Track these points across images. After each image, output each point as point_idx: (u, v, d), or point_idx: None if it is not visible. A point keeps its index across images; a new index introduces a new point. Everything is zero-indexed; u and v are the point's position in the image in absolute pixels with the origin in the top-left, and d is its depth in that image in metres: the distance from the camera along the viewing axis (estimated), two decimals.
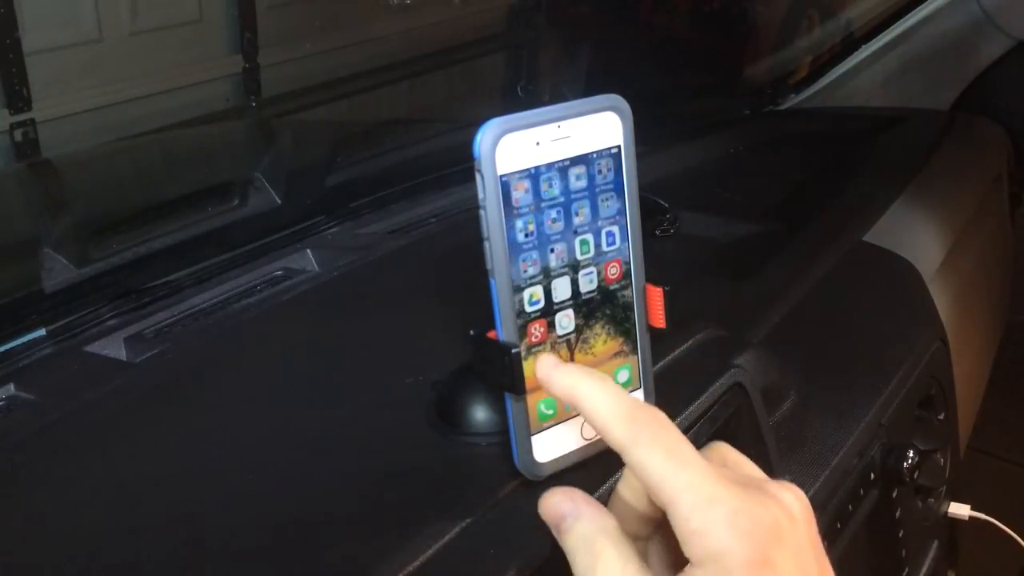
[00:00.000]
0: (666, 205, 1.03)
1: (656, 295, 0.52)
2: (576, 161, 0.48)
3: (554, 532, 0.44)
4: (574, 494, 0.44)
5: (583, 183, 0.48)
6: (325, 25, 1.18)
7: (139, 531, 0.54)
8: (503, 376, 0.48)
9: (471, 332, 0.50)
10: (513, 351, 0.47)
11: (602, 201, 0.50)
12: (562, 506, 0.44)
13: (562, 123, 0.47)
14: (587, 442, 0.52)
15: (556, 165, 0.47)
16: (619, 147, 0.49)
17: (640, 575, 0.41)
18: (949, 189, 1.20)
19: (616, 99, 0.49)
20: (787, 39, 1.61)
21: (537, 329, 0.49)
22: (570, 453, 0.52)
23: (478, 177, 0.45)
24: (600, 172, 0.49)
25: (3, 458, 0.63)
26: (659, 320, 0.53)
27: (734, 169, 1.26)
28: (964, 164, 1.30)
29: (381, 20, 1.25)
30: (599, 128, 0.48)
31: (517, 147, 0.46)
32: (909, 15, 1.47)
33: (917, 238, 1.06)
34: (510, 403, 0.49)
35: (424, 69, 1.30)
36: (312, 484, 0.57)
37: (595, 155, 0.48)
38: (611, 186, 0.50)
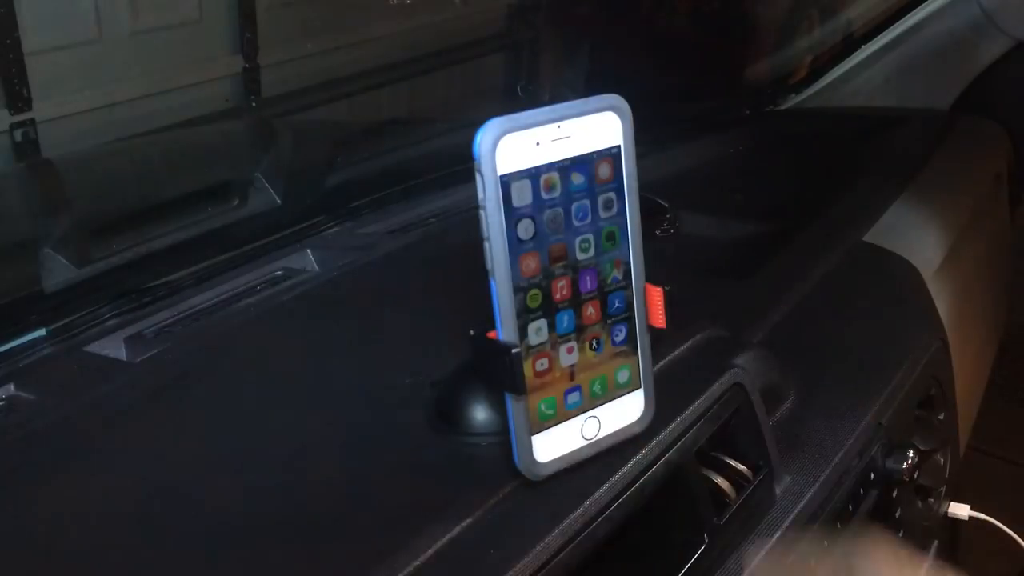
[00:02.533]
0: (666, 205, 1.03)
1: (656, 295, 0.52)
2: (576, 161, 0.48)
3: None
4: None
5: (583, 183, 0.48)
6: (325, 25, 1.18)
7: (139, 530, 0.54)
8: (503, 376, 0.48)
9: (471, 332, 0.50)
10: (513, 351, 0.47)
11: (602, 201, 0.50)
12: None
13: (562, 123, 0.47)
14: (587, 442, 0.52)
15: (556, 165, 0.47)
16: (619, 147, 0.49)
17: None
18: (949, 189, 1.20)
19: (616, 99, 0.49)
20: (787, 39, 1.61)
21: (537, 329, 0.49)
22: (570, 453, 0.52)
23: (478, 177, 0.45)
24: (600, 172, 0.49)
25: (3, 458, 0.63)
26: (659, 320, 0.53)
27: (734, 169, 1.26)
28: (964, 164, 1.30)
29: (381, 20, 1.24)
30: (599, 128, 0.48)
31: (517, 147, 0.46)
32: (909, 15, 1.47)
33: (917, 238, 1.06)
34: (510, 403, 0.49)
35: (424, 69, 1.30)
36: (312, 484, 0.57)
37: (595, 155, 0.48)
38: (611, 186, 0.50)
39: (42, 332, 0.79)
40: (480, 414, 0.58)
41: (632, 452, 0.56)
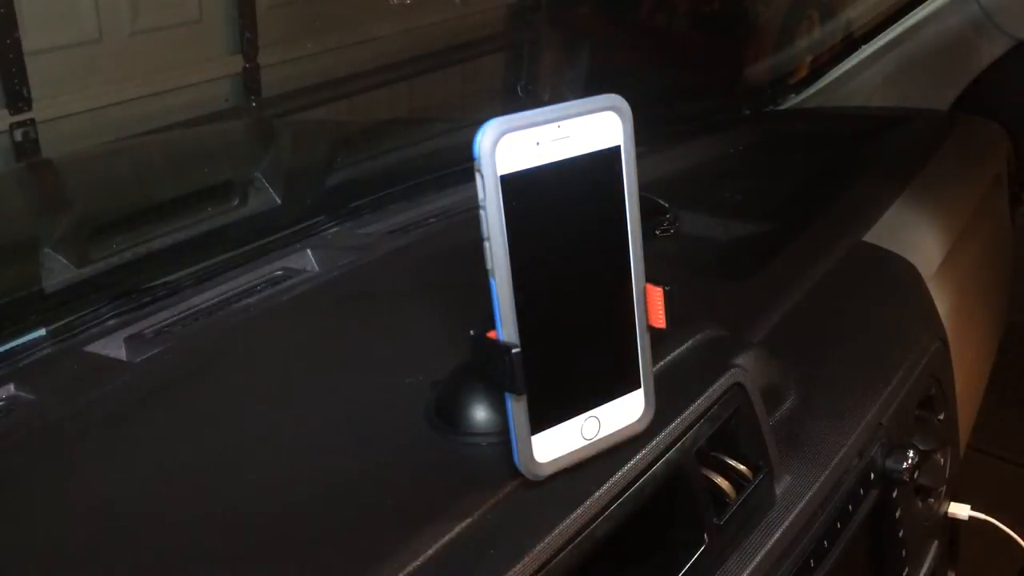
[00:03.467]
0: (666, 205, 1.03)
1: (656, 295, 0.52)
2: (576, 161, 0.48)
3: None
4: None
5: (583, 183, 0.48)
6: (325, 25, 1.18)
7: (139, 531, 0.54)
8: (503, 376, 0.48)
9: (471, 332, 0.50)
10: (513, 351, 0.47)
11: (602, 201, 0.50)
12: None
13: (562, 123, 0.47)
14: (587, 442, 0.52)
15: (556, 165, 0.47)
16: (619, 147, 0.49)
17: None
18: (949, 189, 1.20)
19: (616, 99, 0.49)
20: (787, 39, 1.61)
21: (537, 329, 0.49)
22: (570, 453, 0.52)
23: (478, 177, 0.45)
24: (600, 172, 0.49)
25: (3, 458, 0.63)
26: (659, 320, 0.53)
27: (734, 169, 1.26)
28: (964, 164, 1.30)
29: (381, 20, 1.24)
30: (599, 128, 0.48)
31: (517, 147, 0.46)
32: (909, 15, 1.47)
33: (917, 238, 1.06)
34: (510, 403, 0.49)
35: (424, 69, 1.30)
36: (312, 484, 0.57)
37: (595, 155, 0.48)
38: (611, 186, 0.50)
39: (42, 332, 0.79)
40: (480, 414, 0.58)
41: (632, 452, 0.56)
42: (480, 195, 0.46)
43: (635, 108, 0.49)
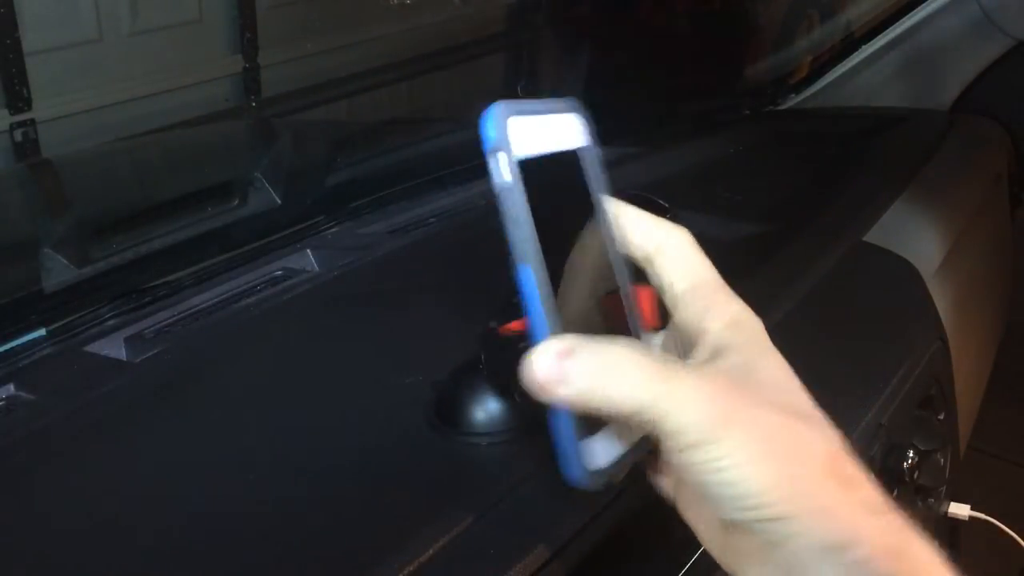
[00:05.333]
0: (666, 205, 1.03)
1: (647, 295, 0.51)
2: (558, 157, 0.46)
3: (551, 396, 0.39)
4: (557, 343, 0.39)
5: (569, 181, 0.47)
6: (325, 25, 1.18)
7: (138, 531, 0.54)
8: None
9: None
10: None
11: (580, 202, 0.48)
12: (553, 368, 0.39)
13: (552, 116, 0.45)
14: (628, 443, 0.44)
15: (546, 159, 0.46)
16: (586, 147, 0.47)
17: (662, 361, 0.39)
18: (949, 189, 1.20)
19: (572, 102, 0.46)
20: (787, 39, 1.61)
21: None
22: (627, 452, 0.44)
23: (495, 159, 0.40)
24: (576, 172, 0.47)
25: (3, 458, 0.63)
26: (655, 320, 0.52)
27: (734, 169, 1.26)
28: (964, 164, 1.30)
29: (381, 20, 1.25)
30: (572, 128, 0.46)
31: (521, 132, 0.43)
32: (909, 15, 1.47)
33: (917, 238, 1.06)
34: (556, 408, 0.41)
35: (424, 69, 1.30)
36: (312, 484, 0.57)
37: (565, 154, 0.46)
38: (586, 187, 0.47)
39: (42, 332, 0.79)
40: (480, 414, 0.58)
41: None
42: (499, 179, 0.40)
43: (635, 108, 0.49)
